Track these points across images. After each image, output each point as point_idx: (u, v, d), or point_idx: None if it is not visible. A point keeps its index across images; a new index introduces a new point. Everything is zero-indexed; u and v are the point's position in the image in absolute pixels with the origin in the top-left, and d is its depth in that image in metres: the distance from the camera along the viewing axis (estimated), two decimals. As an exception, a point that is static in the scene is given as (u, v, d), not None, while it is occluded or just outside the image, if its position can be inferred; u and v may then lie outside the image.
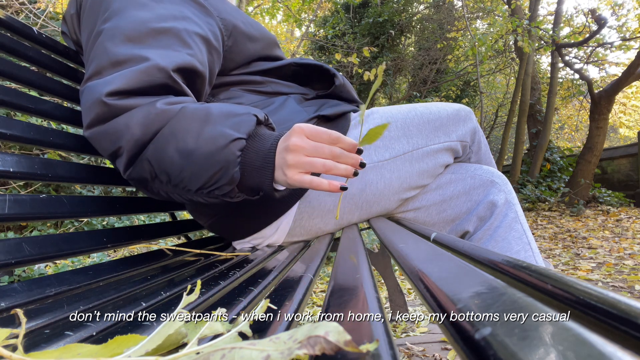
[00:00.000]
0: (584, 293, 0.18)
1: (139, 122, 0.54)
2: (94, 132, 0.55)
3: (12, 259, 0.46)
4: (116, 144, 0.55)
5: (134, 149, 0.55)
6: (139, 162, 0.56)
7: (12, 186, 2.02)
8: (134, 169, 0.57)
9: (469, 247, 0.34)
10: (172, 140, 0.54)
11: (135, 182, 0.60)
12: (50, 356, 0.19)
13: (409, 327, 1.35)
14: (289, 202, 0.76)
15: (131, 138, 0.54)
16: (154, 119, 0.54)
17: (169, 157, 0.54)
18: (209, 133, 0.53)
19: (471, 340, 0.15)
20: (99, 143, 0.56)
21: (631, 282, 1.86)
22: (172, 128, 0.54)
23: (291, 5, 5.29)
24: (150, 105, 0.54)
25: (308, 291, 0.35)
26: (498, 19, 6.25)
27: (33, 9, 2.11)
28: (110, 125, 0.54)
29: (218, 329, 0.22)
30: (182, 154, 0.54)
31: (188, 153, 0.54)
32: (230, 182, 0.55)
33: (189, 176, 0.55)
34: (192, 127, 0.54)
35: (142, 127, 0.54)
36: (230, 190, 0.56)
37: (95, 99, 0.54)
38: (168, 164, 0.54)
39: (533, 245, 0.76)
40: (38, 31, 0.68)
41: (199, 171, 0.54)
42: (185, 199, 0.60)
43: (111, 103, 0.53)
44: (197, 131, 0.54)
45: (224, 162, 0.53)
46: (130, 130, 0.54)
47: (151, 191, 0.61)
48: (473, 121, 0.88)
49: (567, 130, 10.60)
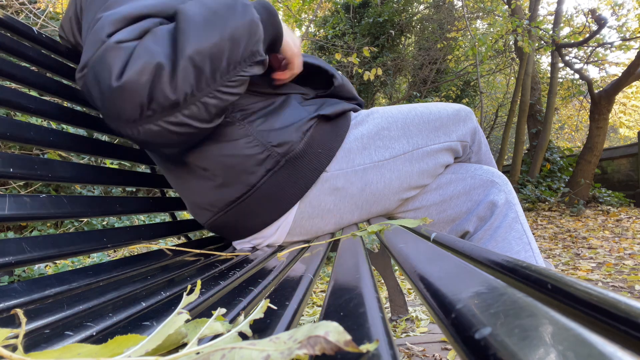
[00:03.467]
0: (584, 293, 0.18)
1: (160, 39, 0.59)
2: (127, 78, 0.56)
3: (12, 259, 0.46)
4: (154, 59, 0.57)
5: (171, 56, 0.58)
6: (181, 68, 0.57)
7: (12, 186, 2.02)
8: (178, 78, 0.58)
9: (469, 247, 0.34)
10: (198, 29, 0.59)
11: (173, 102, 0.59)
12: (50, 356, 0.19)
13: (409, 327, 1.35)
14: (289, 202, 0.76)
15: (163, 55, 0.57)
16: (167, 31, 0.60)
17: (207, 41, 0.59)
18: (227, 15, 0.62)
19: (471, 340, 0.15)
20: (135, 83, 0.56)
21: (631, 282, 1.86)
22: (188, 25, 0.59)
23: (291, 5, 5.29)
24: (155, 29, 0.60)
25: (308, 291, 0.35)
26: (498, 19, 6.25)
27: (33, 9, 2.11)
28: (137, 51, 0.57)
29: (218, 329, 0.22)
30: (214, 32, 0.60)
31: (219, 30, 0.60)
32: (259, 38, 0.65)
33: (230, 48, 0.61)
34: (209, 19, 0.61)
35: (166, 39, 0.59)
36: (260, 48, 0.65)
37: (110, 46, 0.56)
38: (207, 48, 0.59)
39: (533, 245, 0.76)
40: (38, 31, 0.68)
41: (235, 38, 0.61)
42: (222, 92, 0.62)
43: (121, 46, 0.57)
44: (216, 21, 0.61)
45: (250, 21, 0.63)
46: (157, 49, 0.58)
47: (184, 114, 0.61)
48: (473, 121, 0.88)
49: (567, 130, 10.60)
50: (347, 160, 0.77)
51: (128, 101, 0.57)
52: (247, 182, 0.72)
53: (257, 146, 0.71)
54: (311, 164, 0.74)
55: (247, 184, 0.72)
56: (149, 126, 0.60)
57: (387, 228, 0.56)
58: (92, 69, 0.58)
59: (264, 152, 0.71)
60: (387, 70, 6.59)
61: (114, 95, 0.57)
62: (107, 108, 0.59)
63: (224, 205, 0.75)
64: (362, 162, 0.78)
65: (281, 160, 0.72)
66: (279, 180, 0.73)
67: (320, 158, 0.75)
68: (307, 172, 0.74)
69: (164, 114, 0.59)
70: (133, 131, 0.60)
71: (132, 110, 0.58)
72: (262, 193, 0.73)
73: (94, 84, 0.58)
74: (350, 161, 0.77)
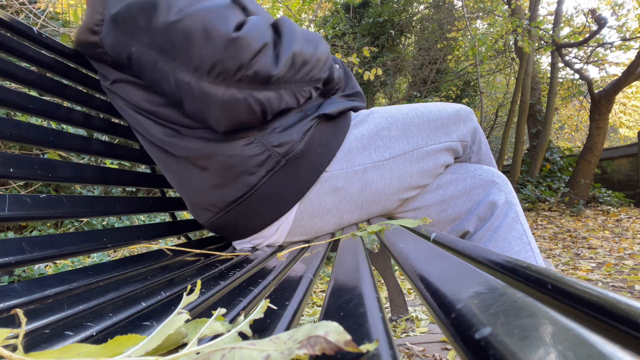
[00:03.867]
0: (584, 293, 0.18)
1: (266, 23, 0.68)
2: (242, 32, 0.63)
3: (12, 259, 0.46)
4: (265, 37, 0.65)
5: (273, 43, 0.67)
6: (284, 55, 0.66)
7: (12, 186, 2.02)
8: (281, 61, 0.66)
9: (469, 247, 0.34)
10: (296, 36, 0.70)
11: (266, 77, 0.66)
12: (50, 356, 0.19)
13: (409, 327, 1.35)
14: (289, 202, 0.76)
15: (271, 36, 0.67)
16: (270, 25, 0.70)
17: (306, 49, 0.71)
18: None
19: (471, 340, 0.15)
20: (248, 43, 0.63)
21: (631, 282, 1.86)
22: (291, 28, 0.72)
23: (291, 5, 5.29)
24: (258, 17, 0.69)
25: (308, 291, 0.35)
26: (498, 19, 6.25)
27: (33, 9, 2.11)
28: (250, 25, 0.65)
29: (218, 329, 0.22)
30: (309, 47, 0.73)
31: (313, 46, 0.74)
32: (326, 70, 0.80)
33: (314, 64, 0.74)
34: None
35: (270, 28, 0.69)
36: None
37: (227, 4, 0.65)
38: (304, 54, 0.70)
39: (533, 245, 0.76)
40: (38, 31, 0.68)
41: (320, 59, 0.75)
42: (292, 93, 0.72)
43: (239, 9, 0.68)
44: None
45: (328, 55, 0.79)
46: (267, 30, 0.67)
47: (265, 95, 0.68)
48: (473, 121, 0.88)
49: (567, 130, 10.59)
50: (347, 160, 0.77)
51: (236, 54, 0.62)
52: (248, 182, 0.72)
53: (258, 147, 0.71)
54: (311, 164, 0.74)
55: (247, 184, 0.72)
56: (233, 91, 0.65)
57: (387, 228, 0.56)
58: (200, 15, 0.62)
59: (265, 152, 0.71)
60: (387, 70, 6.59)
61: (226, 45, 0.62)
62: (205, 56, 0.62)
63: (224, 206, 0.75)
64: (362, 162, 0.78)
65: (281, 160, 0.72)
66: (279, 181, 0.73)
67: (320, 158, 0.75)
68: (307, 172, 0.74)
69: (252, 85, 0.65)
70: (218, 90, 0.64)
71: (232, 64, 0.63)
72: (263, 193, 0.73)
73: (199, 30, 0.61)
74: (350, 161, 0.77)
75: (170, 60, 0.64)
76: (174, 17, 0.62)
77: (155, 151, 0.78)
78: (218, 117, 0.67)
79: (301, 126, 0.74)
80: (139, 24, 0.65)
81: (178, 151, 0.73)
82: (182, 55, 0.63)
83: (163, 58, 0.65)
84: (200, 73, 0.63)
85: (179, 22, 0.62)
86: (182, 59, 0.63)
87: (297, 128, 0.74)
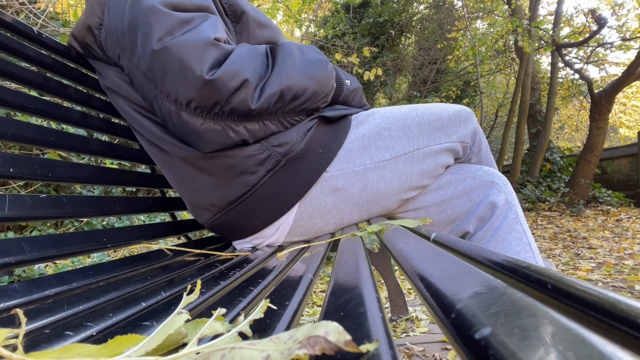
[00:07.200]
0: (584, 293, 0.18)
1: (258, 56, 0.67)
2: (217, 74, 0.61)
3: (12, 259, 0.46)
4: (247, 73, 0.63)
5: (257, 77, 0.65)
6: (269, 90, 0.65)
7: (12, 186, 2.02)
8: (263, 96, 0.65)
9: (469, 247, 0.34)
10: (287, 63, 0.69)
11: (258, 112, 0.66)
12: (50, 356, 0.19)
13: (409, 327, 1.35)
14: (289, 202, 0.76)
15: (254, 70, 0.64)
16: (264, 54, 0.69)
17: (299, 82, 0.69)
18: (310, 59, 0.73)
19: (471, 340, 0.15)
20: (224, 84, 0.61)
21: (631, 282, 1.85)
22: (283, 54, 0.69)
23: (291, 5, 5.29)
24: (253, 46, 0.68)
25: (308, 291, 0.35)
26: (498, 19, 6.24)
27: (33, 9, 2.11)
28: (228, 64, 0.62)
29: (218, 329, 0.22)
30: (303, 72, 0.70)
31: (310, 69, 0.71)
32: (326, 101, 0.77)
33: (309, 97, 0.71)
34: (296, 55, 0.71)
35: (258, 60, 0.67)
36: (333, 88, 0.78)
37: (206, 41, 0.61)
38: (296, 88, 0.68)
39: (533, 245, 0.76)
40: (38, 31, 0.68)
41: (316, 92, 0.72)
42: (279, 122, 0.71)
43: (221, 45, 0.62)
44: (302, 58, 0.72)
45: (331, 87, 0.77)
46: (251, 63, 0.65)
47: (246, 126, 0.67)
48: (474, 122, 0.88)
49: (567, 130, 10.59)
50: (347, 161, 0.77)
51: (210, 95, 0.62)
52: (248, 182, 0.72)
53: (258, 146, 0.71)
54: (312, 164, 0.74)
55: (247, 184, 0.72)
56: (210, 124, 0.65)
57: (387, 228, 0.56)
58: (178, 50, 0.60)
59: (265, 152, 0.71)
60: (387, 70, 6.59)
61: (201, 86, 0.61)
62: (181, 91, 0.62)
63: (224, 205, 0.75)
64: (363, 162, 0.78)
65: (282, 160, 0.72)
66: (280, 180, 0.73)
67: (320, 158, 0.75)
68: (308, 172, 0.74)
69: (231, 117, 0.65)
70: (196, 122, 0.65)
71: (207, 102, 0.62)
72: (263, 193, 0.73)
73: (177, 65, 0.61)
74: (350, 161, 0.77)
75: (153, 87, 0.66)
76: (156, 46, 0.62)
77: (154, 151, 0.78)
78: (199, 143, 0.69)
79: (301, 126, 0.74)
80: (128, 43, 0.67)
81: (177, 151, 0.73)
82: (162, 85, 0.64)
83: (147, 83, 0.67)
84: (179, 104, 0.64)
85: (158, 52, 0.62)
86: (162, 88, 0.65)
87: (297, 128, 0.74)
